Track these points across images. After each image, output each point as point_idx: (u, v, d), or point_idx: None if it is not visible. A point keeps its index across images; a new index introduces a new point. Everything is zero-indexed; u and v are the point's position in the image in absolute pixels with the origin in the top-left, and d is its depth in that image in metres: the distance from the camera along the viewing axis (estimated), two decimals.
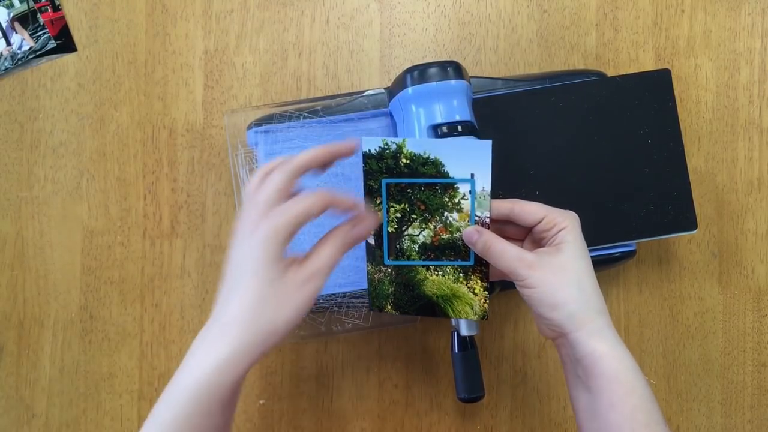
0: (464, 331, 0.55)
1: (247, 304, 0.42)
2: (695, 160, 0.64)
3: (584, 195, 0.57)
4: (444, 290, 0.50)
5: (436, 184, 0.48)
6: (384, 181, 0.48)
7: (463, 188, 0.47)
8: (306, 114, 0.59)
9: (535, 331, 0.63)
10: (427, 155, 0.47)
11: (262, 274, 0.42)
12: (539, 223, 0.46)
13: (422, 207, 0.48)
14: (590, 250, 0.57)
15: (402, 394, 0.63)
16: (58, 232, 0.64)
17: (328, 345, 0.63)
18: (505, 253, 0.45)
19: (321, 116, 0.58)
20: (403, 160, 0.47)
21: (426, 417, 0.63)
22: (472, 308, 0.49)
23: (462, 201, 0.48)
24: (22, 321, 0.64)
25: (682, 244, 0.64)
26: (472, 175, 0.47)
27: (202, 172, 0.64)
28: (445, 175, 0.47)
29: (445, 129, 0.53)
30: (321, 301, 0.58)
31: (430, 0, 0.66)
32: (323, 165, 0.46)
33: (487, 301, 0.49)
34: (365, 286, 0.57)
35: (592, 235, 0.56)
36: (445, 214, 0.48)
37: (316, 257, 0.44)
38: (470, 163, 0.47)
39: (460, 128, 0.53)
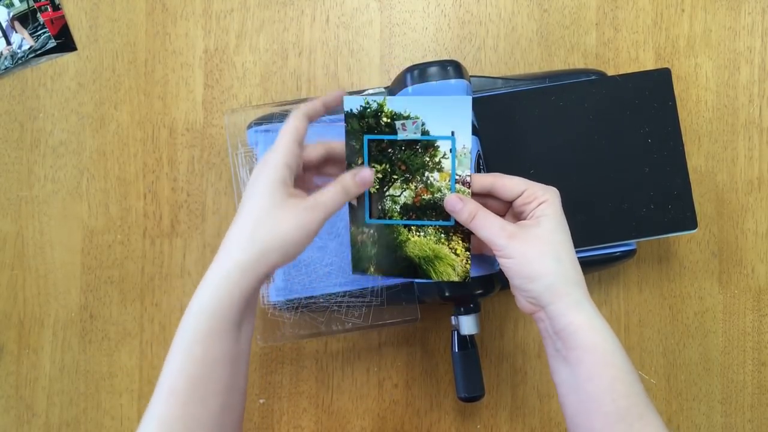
0: (464, 330, 0.55)
1: (249, 220, 0.44)
2: (695, 160, 0.64)
3: (584, 194, 0.57)
4: (426, 251, 0.49)
5: (416, 142, 0.48)
6: (366, 137, 0.48)
7: (444, 146, 0.47)
8: None
9: (536, 330, 0.63)
10: (407, 113, 0.47)
11: (266, 193, 0.44)
12: (519, 196, 0.46)
13: (403, 167, 0.48)
14: (590, 250, 0.57)
15: (402, 393, 0.63)
16: (59, 231, 0.64)
17: (328, 344, 0.63)
18: (488, 222, 0.45)
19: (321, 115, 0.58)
20: (384, 119, 0.47)
21: (426, 416, 0.63)
22: (454, 269, 0.49)
23: (443, 160, 0.48)
24: (22, 320, 0.64)
25: (682, 244, 0.64)
26: (453, 133, 0.47)
27: (202, 172, 0.64)
28: (426, 133, 0.47)
29: None
30: (321, 300, 0.58)
31: None
32: (322, 114, 0.49)
33: (469, 263, 0.49)
34: (364, 285, 0.57)
35: (592, 235, 0.57)
36: (426, 174, 0.48)
37: (320, 193, 0.45)
38: (451, 120, 0.47)
39: None
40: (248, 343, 0.45)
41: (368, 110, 0.47)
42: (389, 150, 0.48)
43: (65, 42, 0.65)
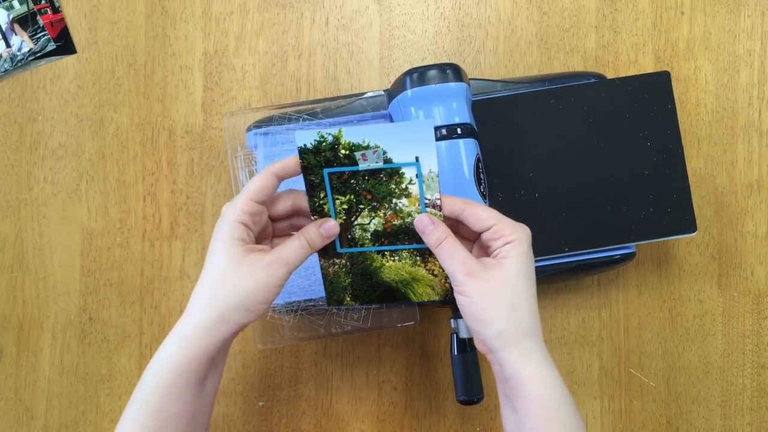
0: (464, 334, 0.55)
1: (208, 281, 0.44)
2: (695, 162, 0.64)
3: (583, 197, 0.57)
4: (402, 275, 0.48)
5: (380, 171, 0.46)
6: (325, 171, 0.46)
7: (409, 172, 0.46)
8: (305, 116, 0.59)
9: None
10: (366, 143, 0.45)
11: (224, 251, 0.43)
12: (488, 230, 0.45)
13: (369, 196, 0.46)
14: (590, 252, 0.57)
15: (401, 396, 0.63)
16: (58, 233, 0.64)
17: (328, 347, 0.63)
18: (453, 254, 0.44)
19: (320, 118, 0.58)
20: (342, 151, 0.45)
21: (425, 419, 0.63)
22: (434, 289, 0.49)
23: (410, 186, 0.46)
24: (21, 323, 0.64)
25: (682, 247, 0.64)
26: (417, 158, 0.45)
27: (202, 174, 0.64)
28: (389, 161, 0.45)
29: (444, 131, 0.53)
30: (320, 303, 0.57)
31: (430, 2, 0.66)
32: (295, 173, 0.46)
33: (449, 281, 0.48)
34: None
35: (591, 237, 0.57)
36: (394, 200, 0.46)
37: (282, 248, 0.45)
38: (413, 145, 0.45)
39: (459, 130, 0.53)
40: (212, 398, 0.46)
41: (324, 144, 0.45)
42: (352, 181, 0.46)
43: (65, 45, 0.65)
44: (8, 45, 0.65)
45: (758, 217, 0.64)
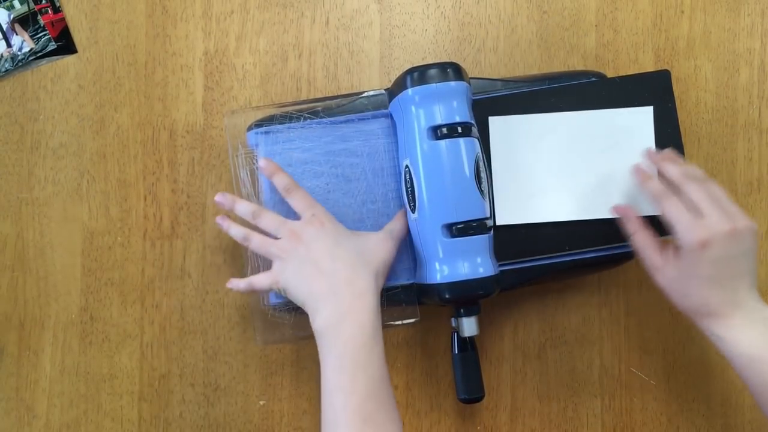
0: (464, 332, 0.55)
1: (354, 254, 0.52)
2: (695, 161, 0.64)
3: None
4: None
5: None
6: None
7: None
8: (306, 115, 0.59)
9: (535, 331, 0.63)
10: None
11: (349, 239, 0.54)
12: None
13: None
14: (590, 251, 0.57)
15: (402, 394, 0.63)
16: (59, 233, 0.64)
17: None
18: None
19: (321, 117, 0.58)
20: None
21: (426, 417, 0.63)
22: None
23: None
24: (22, 322, 0.64)
25: None
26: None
27: (203, 174, 0.64)
28: None
29: (444, 130, 0.53)
30: None
31: (430, 1, 0.66)
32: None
33: None
34: None
35: (592, 236, 0.57)
36: None
37: (395, 222, 0.56)
38: None
39: (459, 129, 0.53)
40: None
41: None
42: None
43: (65, 44, 0.65)
44: (9, 45, 0.65)
45: (758, 215, 0.64)
